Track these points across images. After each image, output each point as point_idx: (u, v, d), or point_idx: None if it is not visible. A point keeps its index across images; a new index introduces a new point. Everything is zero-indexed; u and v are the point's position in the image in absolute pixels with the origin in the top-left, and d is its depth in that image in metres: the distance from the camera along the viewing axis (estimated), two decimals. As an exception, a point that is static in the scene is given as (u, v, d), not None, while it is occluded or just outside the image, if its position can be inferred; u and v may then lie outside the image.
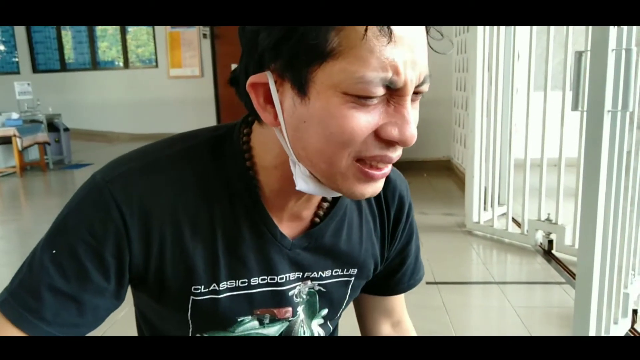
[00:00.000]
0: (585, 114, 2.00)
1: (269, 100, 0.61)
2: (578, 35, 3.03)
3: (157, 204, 0.66)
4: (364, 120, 0.56)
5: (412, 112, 0.59)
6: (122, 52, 9.18)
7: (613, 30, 1.75)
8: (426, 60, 0.59)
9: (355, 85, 0.54)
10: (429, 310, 2.63)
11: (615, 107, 1.81)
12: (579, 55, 1.91)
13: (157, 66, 8.65)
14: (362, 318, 0.95)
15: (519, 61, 3.59)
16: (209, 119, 8.16)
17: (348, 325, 1.05)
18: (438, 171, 5.97)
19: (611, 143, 1.90)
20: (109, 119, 9.14)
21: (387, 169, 0.63)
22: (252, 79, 0.60)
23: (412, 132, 0.58)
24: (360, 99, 0.55)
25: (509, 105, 3.52)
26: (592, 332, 1.93)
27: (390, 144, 0.59)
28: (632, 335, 2.29)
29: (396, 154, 0.61)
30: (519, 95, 3.60)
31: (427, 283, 2.94)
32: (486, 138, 3.69)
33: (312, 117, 0.58)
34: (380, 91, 0.55)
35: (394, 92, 0.57)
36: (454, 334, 2.36)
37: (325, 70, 0.55)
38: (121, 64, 9.27)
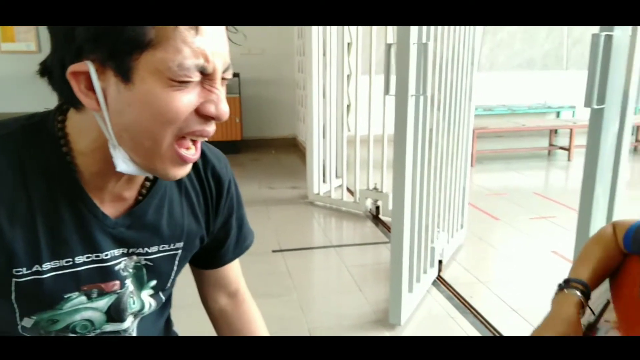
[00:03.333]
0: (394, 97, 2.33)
1: (90, 87, 0.65)
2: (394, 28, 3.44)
3: None
4: (186, 100, 0.65)
5: (222, 92, 0.69)
6: None
7: (414, 26, 2.09)
8: (227, 51, 0.69)
9: (175, 71, 0.63)
10: (274, 275, 2.88)
11: (418, 92, 2.17)
12: (388, 47, 2.23)
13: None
14: (201, 292, 1.02)
15: (350, 48, 3.96)
16: (51, 97, 7.45)
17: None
18: (285, 148, 6.26)
19: (415, 122, 2.27)
20: None
21: (198, 154, 0.72)
22: (72, 68, 0.64)
23: (225, 108, 0.69)
24: (181, 83, 0.64)
25: (341, 87, 3.87)
26: (405, 281, 2.31)
27: (208, 119, 0.69)
28: (439, 281, 2.76)
29: (212, 128, 0.72)
30: (352, 79, 3.98)
31: (273, 251, 3.19)
32: (323, 117, 4.02)
33: (138, 100, 0.64)
34: (196, 76, 0.65)
35: (206, 77, 0.67)
36: (296, 296, 2.63)
37: (146, 59, 0.63)
38: None
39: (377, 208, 3.77)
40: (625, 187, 1.63)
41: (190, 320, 1.11)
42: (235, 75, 5.72)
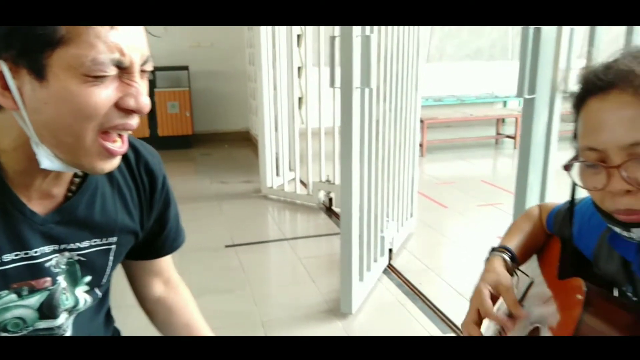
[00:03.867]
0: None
1: (5, 86, 0.65)
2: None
3: None
4: (104, 95, 0.65)
5: (142, 85, 0.69)
6: None
7: (357, 20, 2.11)
8: (145, 43, 0.71)
9: (89, 67, 0.63)
10: (227, 271, 2.86)
11: (363, 84, 2.19)
12: (332, 39, 2.25)
13: None
14: (134, 281, 1.03)
15: (301, 40, 3.96)
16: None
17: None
18: (238, 142, 6.21)
19: (362, 114, 2.30)
20: None
21: (125, 147, 0.74)
22: None
23: (145, 101, 0.69)
24: (97, 78, 0.64)
25: (291, 80, 3.87)
26: (355, 271, 2.35)
27: (129, 112, 0.69)
28: (390, 269, 2.82)
29: (135, 121, 0.72)
30: (303, 71, 3.98)
31: (226, 246, 3.17)
32: (274, 109, 4.01)
33: (54, 98, 0.64)
34: (112, 70, 0.65)
35: (123, 71, 0.66)
36: (249, 290, 2.63)
37: (59, 55, 0.62)
38: None
39: (330, 200, 3.81)
40: (557, 174, 1.71)
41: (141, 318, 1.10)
42: (184, 68, 5.62)
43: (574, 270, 0.87)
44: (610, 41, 1.33)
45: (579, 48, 1.51)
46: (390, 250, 2.90)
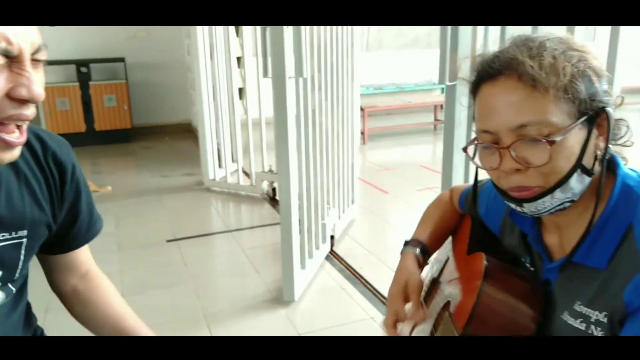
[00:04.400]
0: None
1: None
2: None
3: None
4: None
5: (35, 75, 0.69)
6: None
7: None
8: (36, 31, 0.70)
9: None
10: (169, 266, 2.83)
11: (296, 74, 2.21)
12: (263, 29, 2.25)
13: None
14: (50, 274, 1.02)
15: (239, 30, 3.92)
16: None
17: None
18: (180, 134, 6.08)
19: (297, 104, 2.32)
20: None
21: (23, 137, 0.73)
22: None
23: (38, 90, 0.68)
24: None
25: (230, 70, 3.83)
26: (296, 259, 2.38)
27: (22, 102, 0.68)
28: (332, 256, 2.87)
29: (30, 111, 0.71)
30: (243, 61, 3.95)
31: (168, 241, 3.13)
32: (214, 100, 3.97)
33: None
34: (0, 59, 0.64)
35: (13, 60, 0.66)
36: (191, 284, 2.62)
37: None
38: None
39: (274, 190, 3.82)
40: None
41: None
42: (121, 60, 5.45)
43: (482, 247, 0.93)
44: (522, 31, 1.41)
45: (495, 38, 1.58)
46: (332, 237, 2.95)
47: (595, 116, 0.72)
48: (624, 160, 0.78)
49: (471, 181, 0.96)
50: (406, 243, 1.06)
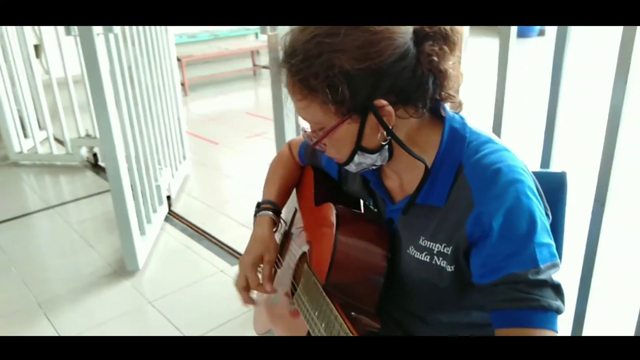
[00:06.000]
0: (78, 37, 2.13)
1: None
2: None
3: None
4: None
5: None
6: None
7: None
8: None
9: None
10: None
11: (106, 30, 2.03)
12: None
13: None
14: None
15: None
16: None
17: None
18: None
19: (111, 62, 2.14)
20: None
21: None
22: None
23: None
24: None
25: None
26: (134, 226, 2.27)
27: None
28: (171, 216, 2.79)
29: None
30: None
31: (-25, 230, 2.74)
32: (4, 61, 3.45)
33: None
34: None
35: None
36: (15, 272, 2.35)
37: None
38: None
39: (95, 155, 3.53)
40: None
41: None
42: None
43: (328, 194, 0.99)
44: None
45: None
46: (169, 197, 2.86)
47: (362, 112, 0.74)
48: (459, 107, 0.83)
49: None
50: (258, 205, 1.07)
